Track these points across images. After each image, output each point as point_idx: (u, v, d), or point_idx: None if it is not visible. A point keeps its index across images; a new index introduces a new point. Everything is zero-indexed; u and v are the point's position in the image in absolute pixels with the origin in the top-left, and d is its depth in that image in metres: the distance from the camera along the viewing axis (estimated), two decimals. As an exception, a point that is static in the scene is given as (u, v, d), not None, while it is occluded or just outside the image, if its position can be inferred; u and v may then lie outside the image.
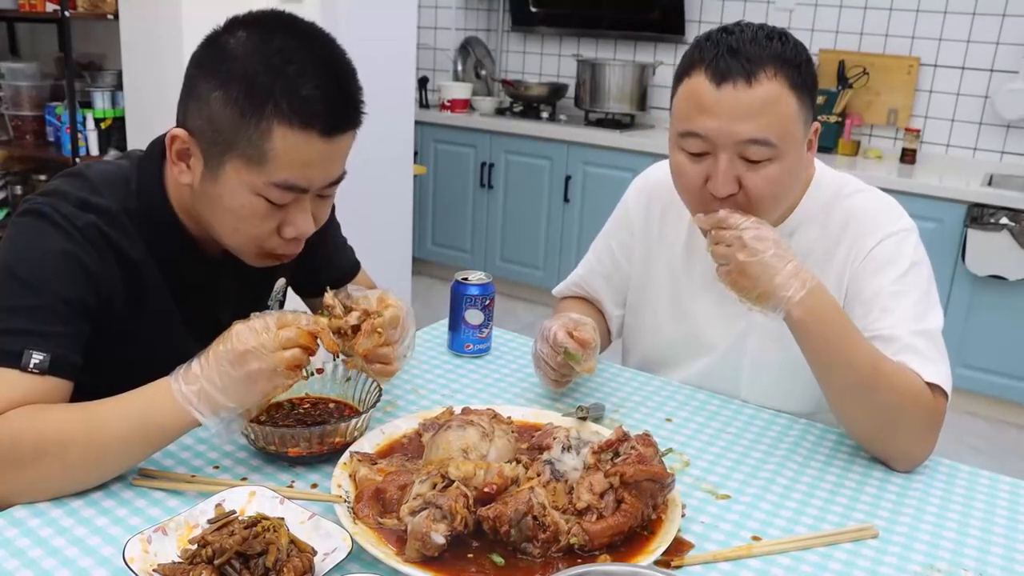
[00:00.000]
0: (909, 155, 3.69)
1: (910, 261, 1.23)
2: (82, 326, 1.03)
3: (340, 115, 1.02)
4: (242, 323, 0.98)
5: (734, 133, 1.11)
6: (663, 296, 1.43)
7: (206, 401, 0.96)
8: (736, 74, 1.11)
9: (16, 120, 3.53)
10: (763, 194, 1.15)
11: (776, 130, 1.12)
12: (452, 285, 1.45)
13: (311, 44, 1.02)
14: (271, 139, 0.99)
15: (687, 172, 1.18)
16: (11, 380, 0.96)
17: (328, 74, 1.01)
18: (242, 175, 1.01)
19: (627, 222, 1.48)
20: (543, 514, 0.90)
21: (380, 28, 3.06)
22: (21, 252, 1.02)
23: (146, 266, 1.10)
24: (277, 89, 0.98)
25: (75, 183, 1.07)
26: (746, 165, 1.14)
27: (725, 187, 1.14)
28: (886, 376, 1.12)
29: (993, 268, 3.20)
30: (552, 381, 1.28)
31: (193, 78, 1.03)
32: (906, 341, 1.17)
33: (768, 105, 1.11)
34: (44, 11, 3.30)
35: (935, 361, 1.17)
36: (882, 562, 0.96)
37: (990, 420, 3.42)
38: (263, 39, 1.00)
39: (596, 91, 4.17)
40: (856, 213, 1.27)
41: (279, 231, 1.06)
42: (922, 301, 1.21)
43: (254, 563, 0.79)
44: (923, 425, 1.15)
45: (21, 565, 0.86)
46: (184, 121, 1.04)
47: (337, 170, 1.07)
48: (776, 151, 1.13)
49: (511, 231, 4.38)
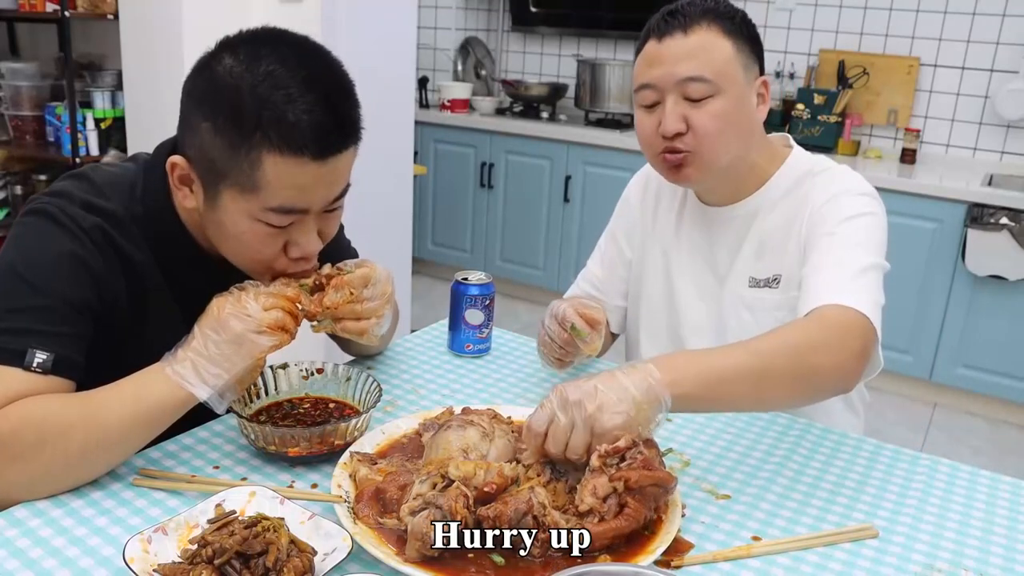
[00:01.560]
0: (909, 155, 3.69)
1: (858, 212, 1.26)
2: (86, 327, 1.03)
3: (332, 138, 0.99)
4: (219, 295, 1.02)
5: (674, 74, 1.24)
6: (658, 282, 1.48)
7: (196, 372, 0.98)
8: (674, 28, 1.25)
9: (16, 120, 3.53)
10: (708, 129, 1.24)
11: (711, 68, 1.23)
12: (452, 285, 1.45)
13: (301, 65, 0.99)
14: (262, 168, 0.98)
15: (643, 125, 1.30)
16: (14, 379, 0.96)
17: (318, 96, 0.98)
18: (239, 203, 1.01)
19: (628, 210, 1.55)
20: (543, 514, 0.90)
21: (380, 28, 3.06)
22: (27, 252, 1.02)
23: (150, 270, 1.10)
24: (264, 118, 0.96)
25: (81, 185, 1.08)
26: (690, 104, 1.25)
27: (672, 124, 1.25)
28: (770, 365, 1.04)
29: (993, 268, 3.20)
30: (555, 359, 1.32)
31: (185, 106, 1.03)
32: (833, 276, 1.17)
33: (703, 49, 1.24)
34: (44, 11, 3.30)
35: (857, 291, 1.13)
36: (882, 562, 0.96)
37: (990, 420, 3.42)
38: (250, 65, 0.97)
39: (596, 91, 4.18)
40: (819, 184, 1.32)
41: (285, 251, 1.06)
42: (864, 245, 1.22)
43: (254, 563, 0.79)
44: (842, 348, 1.07)
45: (21, 565, 0.86)
46: (182, 148, 1.04)
47: (337, 188, 1.05)
48: (714, 87, 1.23)
49: (511, 231, 4.38)
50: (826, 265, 1.20)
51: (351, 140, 1.03)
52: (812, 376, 1.07)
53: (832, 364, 1.07)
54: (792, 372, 1.06)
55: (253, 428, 1.06)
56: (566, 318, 1.27)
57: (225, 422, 1.16)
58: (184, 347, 1.00)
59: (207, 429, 1.15)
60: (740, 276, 1.38)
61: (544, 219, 4.25)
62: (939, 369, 3.43)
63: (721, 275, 1.40)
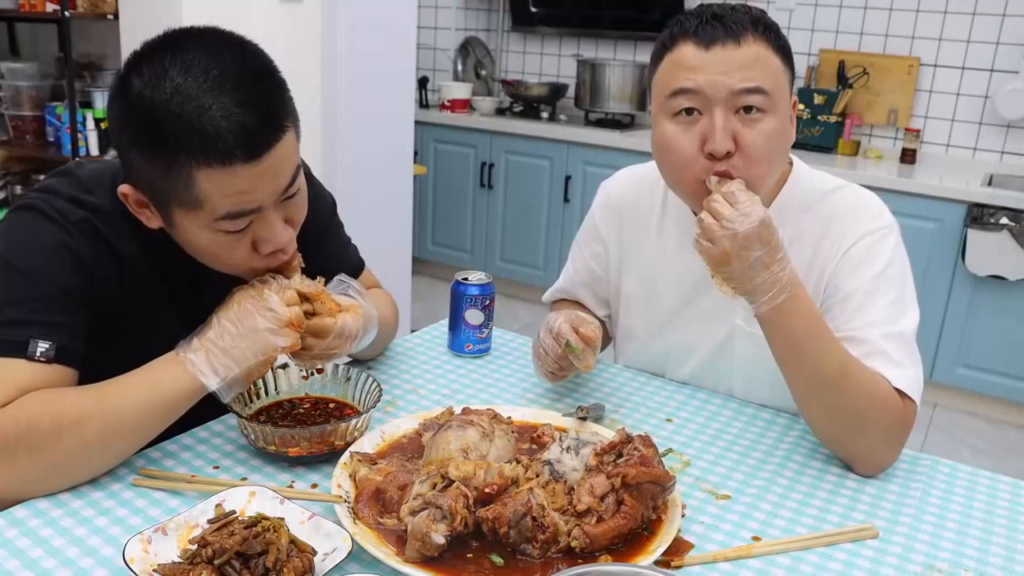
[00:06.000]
0: (909, 155, 3.69)
1: (887, 260, 1.21)
2: (82, 315, 1.04)
3: (259, 135, 0.95)
4: (241, 287, 1.04)
5: (728, 84, 1.11)
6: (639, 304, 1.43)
7: (209, 362, 1.00)
8: (724, 36, 1.12)
9: (16, 120, 3.53)
10: (760, 151, 1.13)
11: (769, 81, 1.12)
12: (452, 285, 1.45)
13: (208, 66, 0.94)
14: (197, 184, 0.95)
15: (678, 140, 1.15)
16: (19, 369, 0.96)
17: (233, 97, 0.93)
18: (190, 219, 1.00)
19: (597, 234, 1.46)
20: (542, 515, 0.90)
21: (380, 28, 3.06)
22: (18, 245, 1.02)
23: (138, 264, 1.10)
24: (183, 136, 0.93)
25: (67, 181, 1.08)
26: (741, 120, 1.13)
27: (724, 142, 1.11)
28: (854, 379, 1.10)
29: (993, 268, 3.20)
30: (548, 373, 1.27)
31: (112, 136, 1.02)
32: (877, 344, 1.16)
33: (758, 60, 1.12)
34: (44, 11, 3.29)
35: (905, 366, 1.15)
36: (882, 562, 0.96)
37: (990, 420, 3.42)
38: (156, 85, 0.94)
39: (596, 91, 4.18)
40: (836, 210, 1.26)
41: (256, 250, 1.05)
42: (897, 302, 1.19)
43: (254, 563, 0.79)
44: (889, 430, 1.13)
45: (21, 565, 0.86)
46: (126, 176, 1.03)
47: (284, 179, 1.01)
48: (771, 102, 1.12)
49: (511, 231, 4.38)
50: (871, 338, 1.16)
51: (280, 130, 0.98)
52: (850, 435, 1.13)
53: (868, 450, 1.14)
54: (842, 412, 1.11)
55: (253, 428, 1.06)
56: (561, 334, 1.22)
57: (225, 422, 1.16)
58: (200, 335, 1.02)
59: (207, 429, 1.15)
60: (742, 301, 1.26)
61: (544, 219, 4.25)
62: (939, 369, 3.43)
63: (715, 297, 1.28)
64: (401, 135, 3.31)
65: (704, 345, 1.36)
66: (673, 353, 1.41)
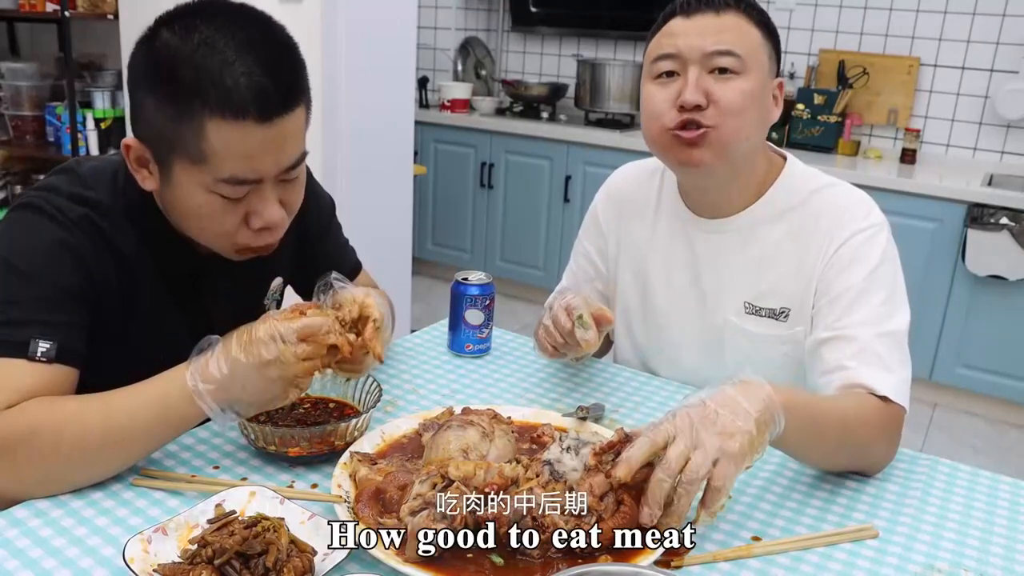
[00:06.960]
0: (909, 155, 3.69)
1: (879, 258, 1.22)
2: (83, 314, 1.04)
3: (274, 98, 0.98)
4: (265, 327, 0.97)
5: (702, 46, 1.18)
6: (633, 299, 1.44)
7: (220, 399, 0.97)
8: (705, 8, 1.20)
9: (16, 120, 3.53)
10: (733, 104, 1.18)
11: (741, 45, 1.19)
12: (452, 285, 1.45)
13: (236, 29, 0.98)
14: (206, 136, 0.97)
15: (654, 96, 1.23)
16: (20, 369, 0.96)
17: (256, 58, 0.97)
18: (191, 175, 1.00)
19: (597, 226, 1.49)
20: (542, 515, 0.89)
21: (380, 28, 3.06)
22: (17, 244, 1.02)
23: (138, 260, 1.10)
24: (202, 84, 0.95)
25: (67, 179, 1.08)
26: (714, 78, 1.19)
27: (694, 95, 1.18)
28: (853, 429, 1.10)
29: (993, 268, 3.20)
30: (548, 347, 1.26)
31: (130, 85, 1.03)
32: (869, 343, 1.17)
33: (734, 28, 1.20)
34: (44, 11, 3.30)
35: (894, 369, 1.16)
36: (882, 562, 0.96)
37: (990, 420, 3.42)
38: (185, 36, 0.97)
39: (596, 91, 4.18)
40: (826, 208, 1.27)
41: (247, 223, 1.05)
42: (888, 301, 1.20)
43: (254, 563, 0.79)
44: (886, 442, 1.14)
45: (21, 565, 0.86)
46: (134, 129, 1.04)
47: (289, 154, 1.02)
48: (743, 64, 1.18)
49: (511, 231, 4.38)
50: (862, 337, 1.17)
51: (294, 101, 1.01)
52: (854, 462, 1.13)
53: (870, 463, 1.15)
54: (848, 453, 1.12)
55: (253, 428, 1.06)
56: (575, 308, 1.21)
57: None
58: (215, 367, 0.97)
59: (207, 429, 1.14)
60: (733, 296, 1.32)
61: (544, 219, 4.25)
62: (939, 369, 3.43)
63: (706, 291, 1.34)
64: (401, 135, 3.31)
65: (695, 340, 1.37)
66: (667, 350, 1.41)
